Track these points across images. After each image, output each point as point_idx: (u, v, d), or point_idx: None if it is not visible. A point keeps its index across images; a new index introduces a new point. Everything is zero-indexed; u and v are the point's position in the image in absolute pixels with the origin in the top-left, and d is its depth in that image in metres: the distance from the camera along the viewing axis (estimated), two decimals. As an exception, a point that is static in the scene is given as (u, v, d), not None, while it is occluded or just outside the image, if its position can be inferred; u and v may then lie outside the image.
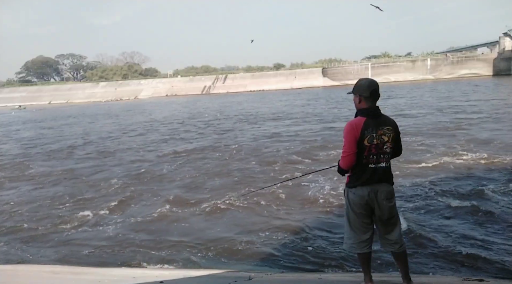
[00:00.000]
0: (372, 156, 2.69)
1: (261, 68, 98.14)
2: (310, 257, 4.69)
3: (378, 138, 2.67)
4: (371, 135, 2.65)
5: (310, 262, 4.58)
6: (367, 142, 2.66)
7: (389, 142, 2.70)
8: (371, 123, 2.67)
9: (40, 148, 15.99)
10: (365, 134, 2.65)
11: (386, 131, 2.69)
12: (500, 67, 63.56)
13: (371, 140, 2.66)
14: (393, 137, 2.71)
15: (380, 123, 2.69)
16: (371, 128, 2.66)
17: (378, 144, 2.67)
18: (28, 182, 9.68)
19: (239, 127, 18.75)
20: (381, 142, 2.68)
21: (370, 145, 2.66)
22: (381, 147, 2.69)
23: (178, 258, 4.95)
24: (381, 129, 2.68)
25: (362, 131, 2.65)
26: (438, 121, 15.67)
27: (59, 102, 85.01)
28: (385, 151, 2.70)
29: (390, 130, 2.71)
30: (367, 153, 2.68)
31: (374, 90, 2.72)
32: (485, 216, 5.48)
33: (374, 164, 2.70)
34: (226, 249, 5.09)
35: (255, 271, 4.28)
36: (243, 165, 9.99)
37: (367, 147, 2.67)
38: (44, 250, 5.52)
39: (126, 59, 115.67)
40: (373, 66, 72.13)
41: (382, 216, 2.75)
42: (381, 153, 2.70)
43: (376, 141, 2.67)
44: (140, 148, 14.22)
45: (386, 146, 2.70)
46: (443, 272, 4.04)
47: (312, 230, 5.47)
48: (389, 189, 2.77)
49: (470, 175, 7.60)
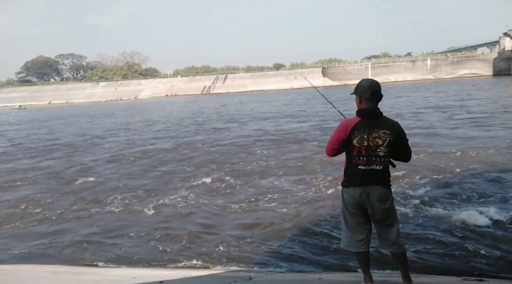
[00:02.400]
0: (361, 157, 2.67)
1: (261, 68, 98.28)
2: (310, 257, 4.69)
3: (371, 140, 2.64)
4: (361, 136, 2.64)
5: (310, 262, 4.58)
6: (357, 142, 2.65)
7: (383, 146, 2.65)
8: (364, 124, 2.66)
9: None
10: (355, 135, 2.65)
11: (382, 135, 2.65)
12: (500, 67, 63.61)
13: (361, 141, 2.65)
14: (389, 141, 2.65)
15: (376, 126, 2.66)
16: (363, 129, 2.65)
17: (370, 146, 2.64)
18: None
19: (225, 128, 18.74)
20: (374, 145, 2.65)
21: (359, 146, 2.65)
22: (374, 150, 2.65)
23: (178, 258, 4.94)
24: (375, 132, 2.65)
25: (352, 131, 2.66)
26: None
27: (59, 102, 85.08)
28: (377, 154, 2.66)
29: (387, 134, 2.65)
30: (356, 153, 2.68)
31: (375, 91, 2.70)
32: (486, 215, 5.47)
33: (364, 166, 2.67)
34: (226, 249, 5.09)
35: (255, 271, 4.28)
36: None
37: (356, 147, 2.67)
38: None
39: (126, 59, 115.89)
40: (373, 66, 72.17)
41: (375, 217, 2.74)
42: (373, 156, 2.66)
43: (367, 143, 2.64)
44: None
45: (380, 150, 2.65)
46: (443, 272, 4.03)
47: (312, 230, 5.46)
48: (384, 191, 2.71)
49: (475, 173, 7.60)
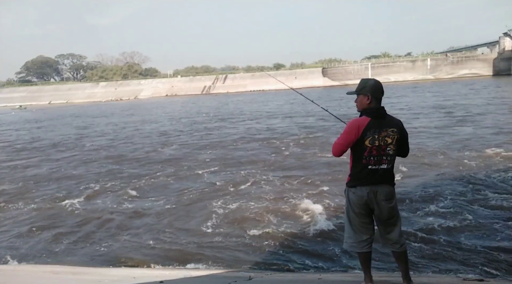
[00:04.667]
0: (372, 157, 2.67)
1: (261, 68, 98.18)
2: (310, 257, 4.69)
3: (381, 140, 2.64)
4: (373, 137, 2.63)
5: (310, 262, 4.58)
6: (369, 143, 2.64)
7: (392, 144, 2.67)
8: (375, 124, 2.65)
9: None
10: (367, 135, 2.64)
11: (390, 133, 2.66)
12: (500, 67, 63.54)
13: (373, 141, 2.64)
14: (397, 139, 2.68)
15: (384, 125, 2.67)
16: (374, 129, 2.64)
17: (380, 146, 2.65)
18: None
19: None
20: (384, 144, 2.66)
21: (371, 146, 2.65)
22: (384, 149, 2.66)
23: (178, 258, 4.94)
24: (384, 131, 2.65)
25: (364, 131, 2.64)
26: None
27: (59, 102, 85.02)
28: (387, 153, 2.67)
29: (395, 132, 2.67)
30: (368, 154, 2.66)
31: (383, 91, 2.75)
32: (485, 215, 5.48)
33: (374, 165, 2.67)
34: (226, 249, 5.09)
35: (255, 271, 4.28)
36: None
37: (367, 148, 2.65)
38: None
39: (126, 59, 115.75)
40: (373, 66, 72.12)
41: (381, 216, 2.75)
42: (383, 155, 2.67)
43: (378, 143, 2.64)
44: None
45: (389, 148, 2.67)
46: (443, 272, 4.03)
47: (312, 230, 5.46)
48: (390, 189, 2.74)
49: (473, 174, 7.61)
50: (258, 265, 4.58)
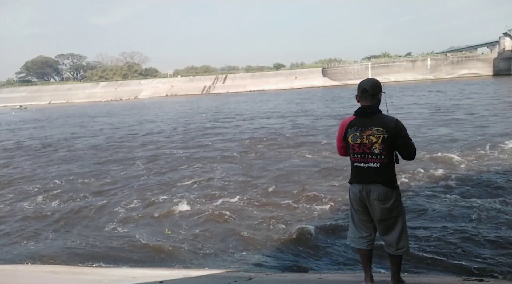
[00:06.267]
0: (355, 154, 2.74)
1: (261, 68, 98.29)
2: (310, 257, 4.69)
3: (366, 138, 2.66)
4: (354, 134, 2.72)
5: (310, 262, 4.58)
6: (350, 140, 2.74)
7: (377, 143, 2.64)
8: (358, 122, 2.73)
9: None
10: (349, 133, 2.75)
11: (375, 132, 2.64)
12: (500, 67, 63.58)
13: (354, 139, 2.72)
14: (383, 138, 2.62)
15: (369, 124, 2.67)
16: (355, 127, 2.72)
17: (364, 144, 2.67)
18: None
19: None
20: (369, 142, 2.66)
21: (353, 143, 2.73)
22: (369, 147, 2.67)
23: (178, 258, 4.94)
24: (369, 130, 2.66)
25: (346, 129, 2.77)
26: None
27: (59, 102, 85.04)
28: (373, 152, 2.65)
29: (380, 131, 2.63)
30: (352, 151, 2.76)
31: (364, 89, 2.75)
32: (485, 215, 5.48)
33: (360, 163, 2.73)
34: (227, 249, 5.09)
35: (255, 271, 4.27)
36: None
37: (350, 145, 2.75)
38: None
39: (126, 59, 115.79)
40: (373, 66, 72.15)
41: (374, 216, 2.76)
42: (368, 153, 2.68)
43: (360, 140, 2.68)
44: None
45: (375, 147, 2.64)
46: (443, 272, 4.03)
47: (312, 229, 5.46)
48: (384, 190, 2.66)
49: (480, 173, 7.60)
50: (258, 265, 4.57)
